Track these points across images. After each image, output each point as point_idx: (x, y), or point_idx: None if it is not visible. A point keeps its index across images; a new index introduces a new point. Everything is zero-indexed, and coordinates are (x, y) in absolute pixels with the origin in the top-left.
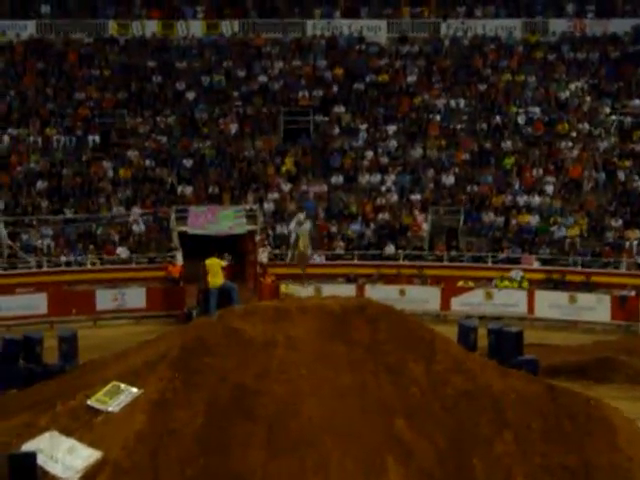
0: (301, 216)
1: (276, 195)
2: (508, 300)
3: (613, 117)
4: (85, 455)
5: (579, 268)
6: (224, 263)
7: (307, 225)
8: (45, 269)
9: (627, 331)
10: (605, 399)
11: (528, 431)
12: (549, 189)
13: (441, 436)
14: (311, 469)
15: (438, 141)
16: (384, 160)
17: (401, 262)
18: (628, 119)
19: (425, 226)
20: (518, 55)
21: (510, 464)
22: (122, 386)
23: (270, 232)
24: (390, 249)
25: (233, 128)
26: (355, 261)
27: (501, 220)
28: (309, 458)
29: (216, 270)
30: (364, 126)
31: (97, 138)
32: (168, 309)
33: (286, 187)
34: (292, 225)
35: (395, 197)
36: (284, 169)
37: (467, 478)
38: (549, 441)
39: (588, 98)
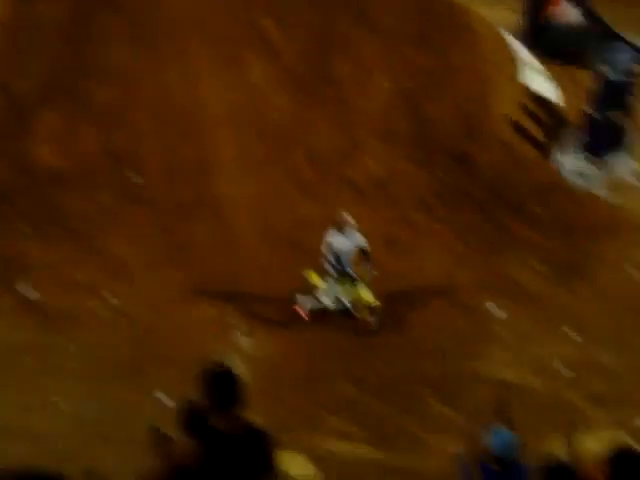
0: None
1: None
2: None
3: None
4: None
5: None
6: None
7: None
8: None
9: None
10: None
11: (392, 34)
12: None
13: (306, 35)
14: (172, 61)
15: None
16: None
17: None
18: None
19: None
20: None
21: (373, 64)
22: None
23: None
24: None
25: None
26: None
27: None
28: (170, 50)
29: None
30: None
31: None
32: None
33: None
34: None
35: None
36: None
37: (330, 76)
38: (412, 44)
39: None
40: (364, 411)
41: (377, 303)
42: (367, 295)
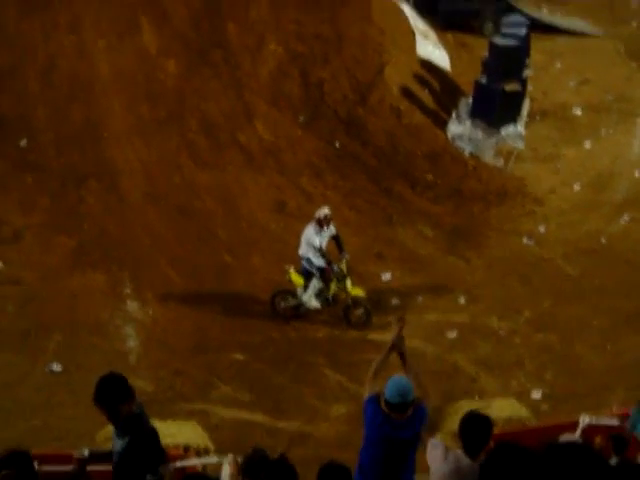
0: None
1: None
2: None
3: None
4: None
5: None
6: None
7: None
8: None
9: None
10: None
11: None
12: None
13: (197, 0)
14: (64, 26)
15: None
16: None
17: None
18: None
19: None
20: None
21: (264, 30)
22: None
23: None
24: None
25: None
26: None
27: None
28: (62, 15)
29: None
30: None
31: None
32: None
33: None
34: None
35: None
36: None
37: (221, 41)
38: (304, 11)
39: None
40: (258, 380)
41: (365, 295)
42: (356, 289)
